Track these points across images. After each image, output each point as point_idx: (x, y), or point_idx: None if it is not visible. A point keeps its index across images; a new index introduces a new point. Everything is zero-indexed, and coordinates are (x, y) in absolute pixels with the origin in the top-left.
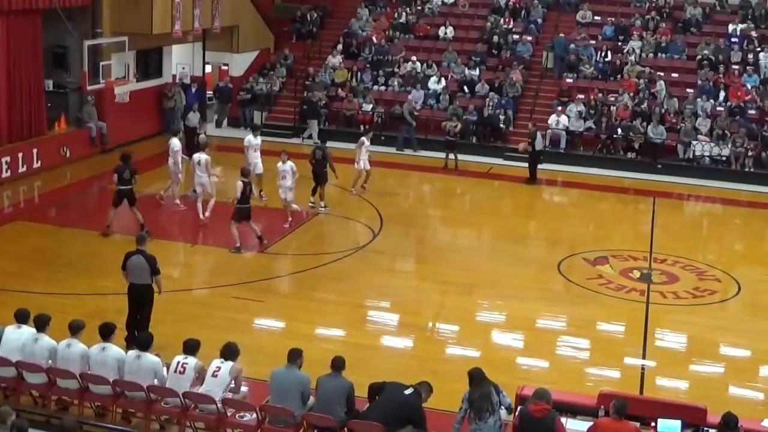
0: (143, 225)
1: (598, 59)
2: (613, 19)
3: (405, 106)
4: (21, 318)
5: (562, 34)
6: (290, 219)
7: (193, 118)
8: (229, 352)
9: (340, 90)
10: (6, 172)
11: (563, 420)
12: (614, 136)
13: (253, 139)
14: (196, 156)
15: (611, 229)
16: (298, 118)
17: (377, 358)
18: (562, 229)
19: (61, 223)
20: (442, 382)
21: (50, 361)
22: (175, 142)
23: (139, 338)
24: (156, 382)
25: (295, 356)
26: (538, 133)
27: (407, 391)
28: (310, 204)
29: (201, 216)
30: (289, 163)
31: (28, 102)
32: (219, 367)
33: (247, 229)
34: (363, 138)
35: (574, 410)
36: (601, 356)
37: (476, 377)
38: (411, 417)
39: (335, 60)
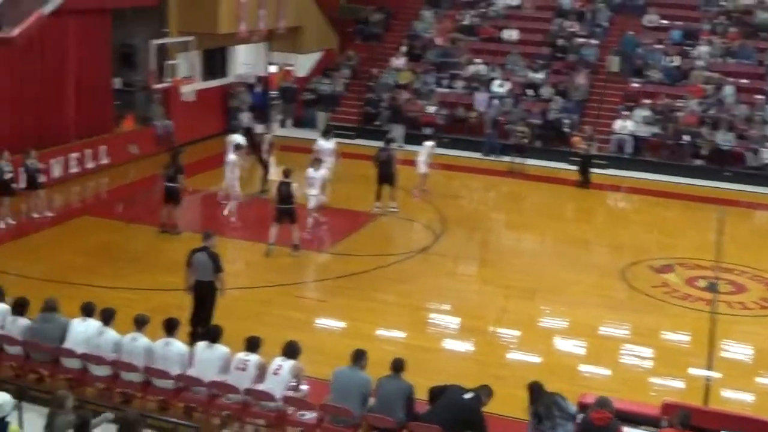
0: (175, 225)
1: (665, 64)
2: (681, 23)
3: (490, 111)
4: (87, 311)
5: (631, 32)
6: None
7: (245, 118)
8: (291, 350)
9: (403, 92)
10: (74, 168)
11: (625, 429)
12: (680, 142)
13: (324, 143)
14: (231, 156)
15: (677, 236)
16: (362, 119)
17: (438, 360)
18: (626, 236)
19: (127, 219)
20: (503, 387)
21: (115, 354)
22: (237, 138)
23: (209, 331)
24: (223, 372)
25: (359, 357)
26: (594, 137)
27: (467, 396)
28: (376, 208)
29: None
30: (321, 172)
31: (96, 100)
32: (280, 366)
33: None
34: (431, 142)
35: (637, 420)
36: (665, 366)
37: (536, 390)
38: (470, 421)
39: (399, 62)
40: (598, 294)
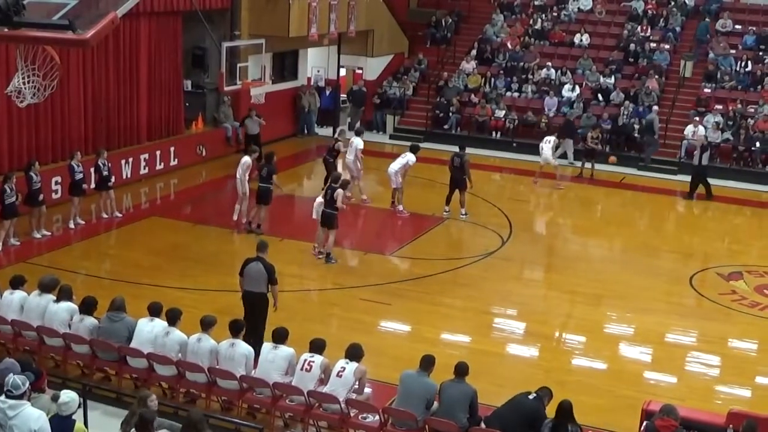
0: (252, 223)
1: (737, 69)
2: (754, 28)
3: (652, 116)
4: (153, 311)
5: (707, 20)
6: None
7: (251, 124)
8: (354, 353)
9: (473, 96)
10: (144, 169)
11: None
12: (752, 148)
13: (414, 159)
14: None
15: (747, 243)
16: (430, 123)
17: (502, 365)
18: (695, 242)
19: (195, 220)
20: (567, 393)
21: (180, 355)
22: (359, 141)
23: (276, 331)
24: (288, 373)
25: (428, 364)
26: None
27: (530, 397)
28: (445, 212)
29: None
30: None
31: (167, 101)
32: (344, 368)
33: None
34: (553, 137)
35: (702, 428)
36: (732, 374)
37: (567, 411)
38: (535, 422)
39: (469, 65)
40: (665, 301)
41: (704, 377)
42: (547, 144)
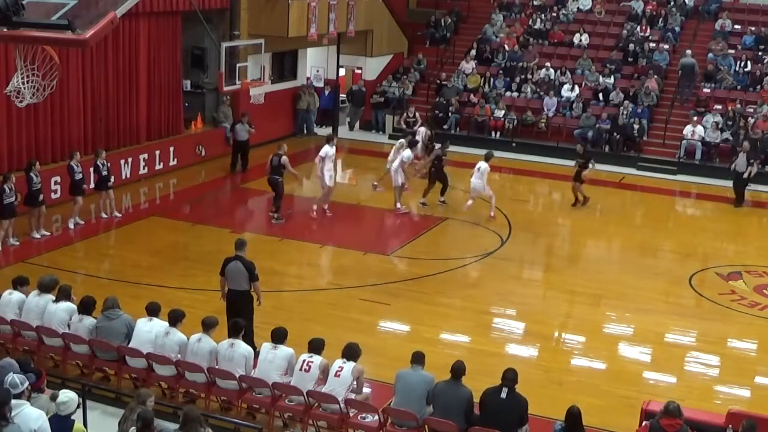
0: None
1: (737, 69)
2: (753, 28)
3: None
4: (152, 311)
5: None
6: None
7: (241, 130)
8: (351, 352)
9: (472, 96)
10: (144, 169)
11: None
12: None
13: (410, 154)
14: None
15: (746, 244)
16: (430, 123)
17: (501, 365)
18: (695, 242)
19: (195, 220)
20: (567, 394)
21: (179, 355)
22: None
23: (275, 331)
24: (287, 373)
25: (419, 358)
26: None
27: (504, 394)
28: (420, 203)
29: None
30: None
31: (166, 101)
32: (341, 367)
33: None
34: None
35: (702, 429)
36: (731, 374)
37: (576, 417)
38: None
39: (468, 65)
40: (664, 301)
41: (703, 377)
42: (477, 171)
